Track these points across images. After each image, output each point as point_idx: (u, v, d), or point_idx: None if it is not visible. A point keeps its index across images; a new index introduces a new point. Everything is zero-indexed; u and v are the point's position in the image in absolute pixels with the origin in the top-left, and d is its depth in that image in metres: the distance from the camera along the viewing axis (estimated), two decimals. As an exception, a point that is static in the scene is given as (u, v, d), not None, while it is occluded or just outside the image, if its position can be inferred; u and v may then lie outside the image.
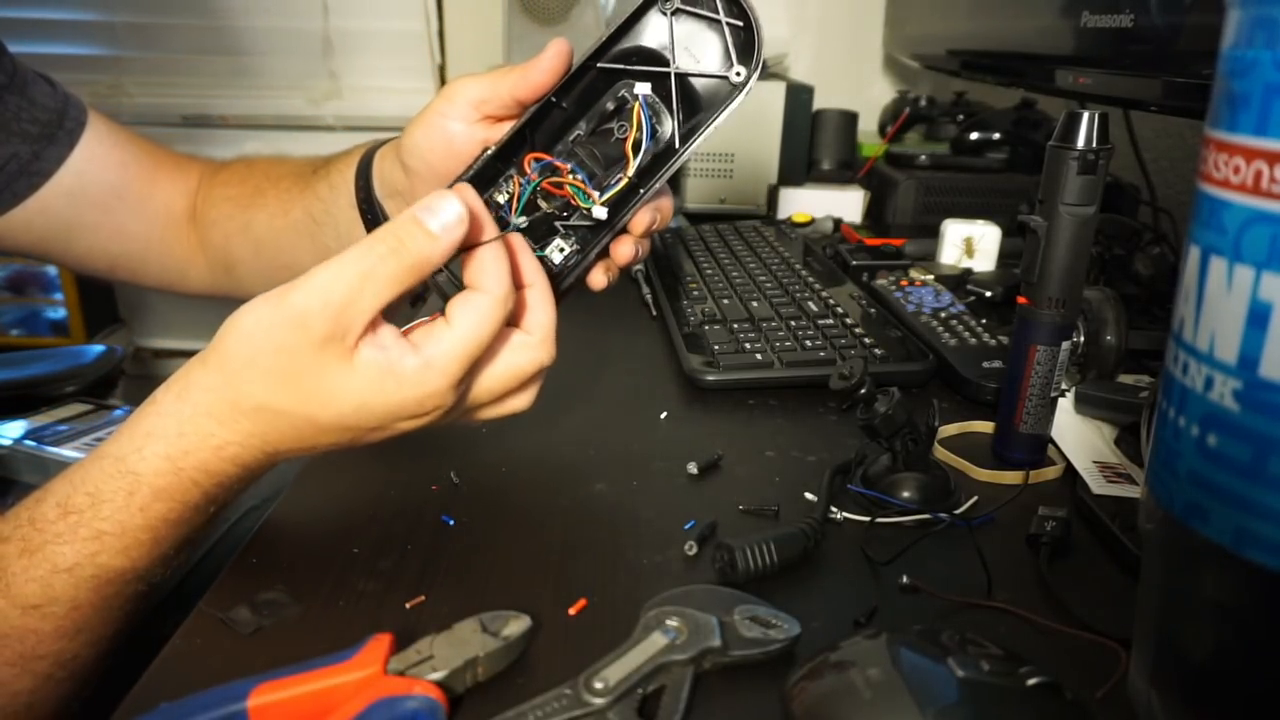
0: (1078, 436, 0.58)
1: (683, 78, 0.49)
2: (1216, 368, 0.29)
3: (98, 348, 1.18)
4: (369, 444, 0.45)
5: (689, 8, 0.48)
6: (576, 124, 0.50)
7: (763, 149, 1.19)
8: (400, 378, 0.41)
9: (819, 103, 1.21)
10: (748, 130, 1.18)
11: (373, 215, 0.63)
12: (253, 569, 0.44)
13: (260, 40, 1.68)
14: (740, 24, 0.47)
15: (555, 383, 0.67)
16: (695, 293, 0.81)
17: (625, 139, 0.48)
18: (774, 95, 1.17)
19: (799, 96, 1.19)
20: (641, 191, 0.48)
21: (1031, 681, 0.32)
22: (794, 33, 1.57)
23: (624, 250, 0.50)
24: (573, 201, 0.49)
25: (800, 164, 1.20)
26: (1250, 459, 0.28)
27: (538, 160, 0.48)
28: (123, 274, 0.79)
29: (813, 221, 1.10)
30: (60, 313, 1.84)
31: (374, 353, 0.41)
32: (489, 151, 0.48)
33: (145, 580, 0.44)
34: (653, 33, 0.48)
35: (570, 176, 0.48)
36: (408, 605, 0.42)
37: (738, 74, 0.48)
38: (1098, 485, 0.52)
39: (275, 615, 0.41)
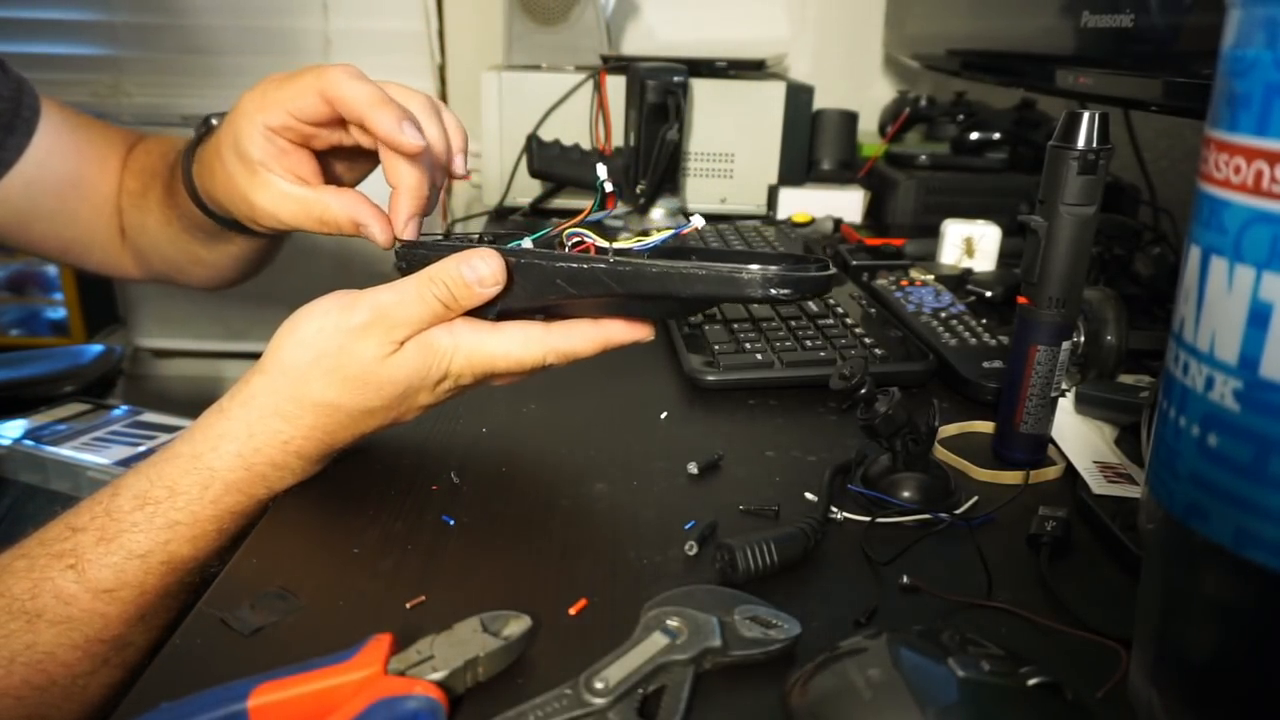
0: (1078, 436, 0.58)
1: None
2: (1217, 368, 0.29)
3: (97, 347, 1.18)
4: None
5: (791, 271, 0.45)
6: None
7: (763, 149, 1.19)
8: (434, 349, 0.47)
9: (819, 103, 1.21)
10: (748, 130, 1.18)
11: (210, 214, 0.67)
12: (253, 569, 0.44)
13: (260, 40, 1.68)
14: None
15: (556, 382, 0.67)
16: (695, 293, 0.81)
17: (647, 234, 0.50)
18: (774, 95, 1.17)
19: (799, 96, 1.18)
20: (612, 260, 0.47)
21: (1032, 681, 0.32)
22: (794, 33, 1.57)
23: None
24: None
25: (800, 164, 1.20)
26: (1250, 459, 0.28)
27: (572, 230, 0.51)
28: (71, 259, 0.79)
29: (813, 221, 1.10)
30: (60, 313, 1.84)
31: (415, 343, 0.47)
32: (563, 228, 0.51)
33: (202, 571, 0.47)
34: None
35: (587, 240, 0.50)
36: (408, 605, 0.42)
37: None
38: (1098, 485, 0.52)
39: (275, 615, 0.41)
